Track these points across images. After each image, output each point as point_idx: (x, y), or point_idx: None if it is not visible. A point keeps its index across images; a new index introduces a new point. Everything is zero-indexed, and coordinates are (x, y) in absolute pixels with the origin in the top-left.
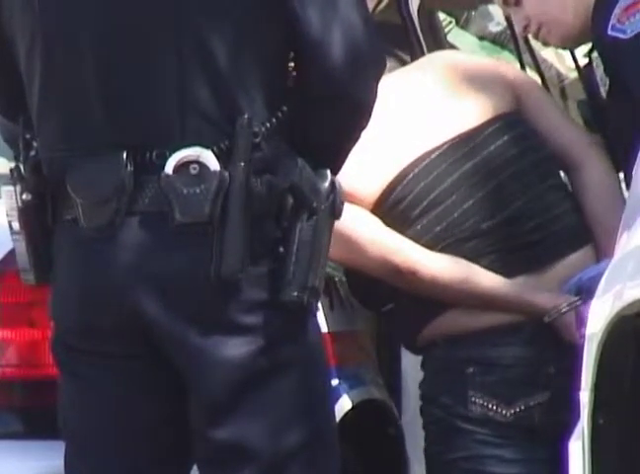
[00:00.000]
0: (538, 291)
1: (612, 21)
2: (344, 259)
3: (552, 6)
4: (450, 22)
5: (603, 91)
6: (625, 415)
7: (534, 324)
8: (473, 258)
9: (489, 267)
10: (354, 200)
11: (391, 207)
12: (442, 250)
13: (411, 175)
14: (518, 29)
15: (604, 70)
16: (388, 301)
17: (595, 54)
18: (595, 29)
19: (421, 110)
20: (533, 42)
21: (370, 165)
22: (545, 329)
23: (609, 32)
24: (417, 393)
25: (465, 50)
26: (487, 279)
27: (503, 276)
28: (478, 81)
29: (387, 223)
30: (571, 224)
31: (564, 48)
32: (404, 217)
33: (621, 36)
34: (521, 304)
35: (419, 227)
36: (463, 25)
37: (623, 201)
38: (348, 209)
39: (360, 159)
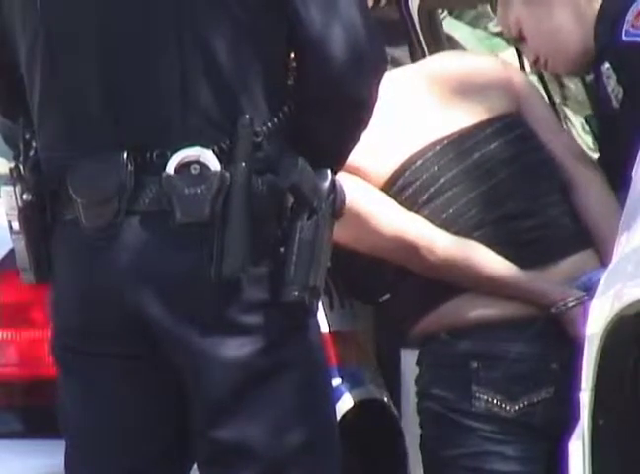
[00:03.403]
0: (550, 283)
1: (626, 27)
2: (354, 239)
3: (549, 38)
4: (443, 10)
5: (616, 102)
6: (625, 415)
7: (541, 320)
8: None
9: None
10: (365, 178)
11: (398, 191)
12: None
13: (418, 163)
14: (528, 64)
15: (618, 79)
16: (386, 292)
17: (606, 66)
18: (604, 39)
19: (420, 108)
20: None
21: (381, 148)
22: (551, 325)
23: (624, 38)
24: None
25: (459, 39)
26: (500, 264)
27: None
28: (478, 82)
29: None
30: (571, 226)
31: (575, 76)
32: (411, 202)
33: (639, 39)
34: (532, 293)
35: (426, 213)
36: (458, 15)
37: (619, 210)
38: (359, 186)
39: (371, 142)
